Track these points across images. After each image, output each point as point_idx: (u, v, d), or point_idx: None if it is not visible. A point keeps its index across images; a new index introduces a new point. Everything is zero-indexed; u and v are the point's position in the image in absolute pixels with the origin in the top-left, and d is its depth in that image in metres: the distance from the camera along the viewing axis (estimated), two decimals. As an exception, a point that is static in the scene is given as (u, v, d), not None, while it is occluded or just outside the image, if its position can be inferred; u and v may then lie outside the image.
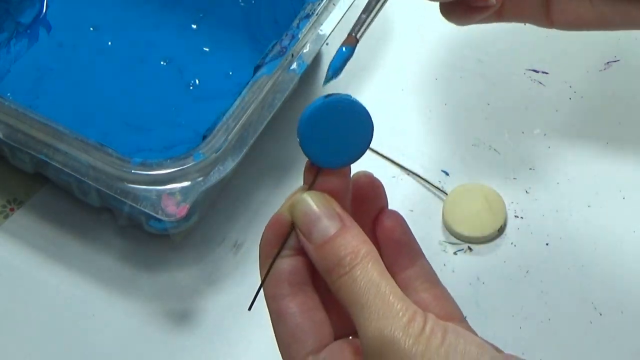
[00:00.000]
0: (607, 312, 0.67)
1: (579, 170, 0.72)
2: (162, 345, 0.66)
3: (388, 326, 0.44)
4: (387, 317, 0.44)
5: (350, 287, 0.45)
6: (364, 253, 0.46)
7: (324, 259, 0.46)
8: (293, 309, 0.47)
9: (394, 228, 0.50)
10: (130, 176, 0.61)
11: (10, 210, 0.70)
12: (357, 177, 0.50)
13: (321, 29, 0.67)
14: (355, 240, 0.46)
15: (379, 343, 0.44)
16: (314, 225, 0.47)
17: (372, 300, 0.45)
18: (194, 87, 0.74)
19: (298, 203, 0.47)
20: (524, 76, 0.77)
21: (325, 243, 0.46)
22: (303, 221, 0.47)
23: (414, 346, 0.43)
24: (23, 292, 0.67)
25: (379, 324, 0.44)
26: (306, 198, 0.47)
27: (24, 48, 0.75)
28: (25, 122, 0.63)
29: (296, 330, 0.47)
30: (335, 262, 0.46)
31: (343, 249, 0.46)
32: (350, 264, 0.45)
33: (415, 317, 0.44)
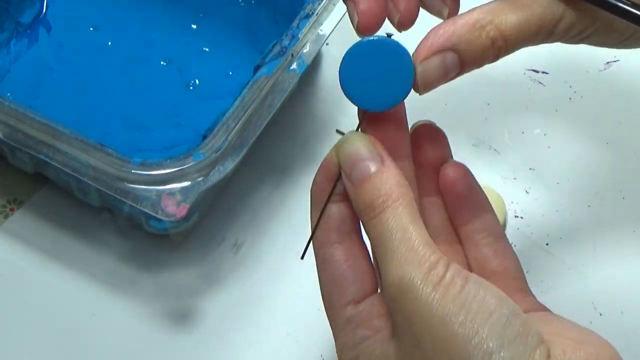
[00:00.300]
0: (607, 312, 0.67)
1: (579, 170, 0.72)
2: (162, 345, 0.66)
3: (408, 272, 0.43)
4: (409, 263, 0.44)
5: (379, 229, 0.45)
6: (396, 196, 0.45)
7: (360, 199, 0.46)
8: (338, 257, 0.47)
9: (455, 181, 0.50)
10: (130, 176, 0.61)
11: (10, 210, 0.70)
12: (417, 127, 0.50)
13: (321, 29, 0.67)
14: (390, 182, 0.46)
15: (398, 289, 0.44)
16: (355, 164, 0.47)
17: (397, 245, 0.44)
18: (194, 87, 0.74)
19: (342, 143, 0.48)
20: (524, 76, 0.77)
21: (362, 183, 0.46)
22: (345, 160, 0.47)
23: (431, 293, 0.43)
24: (23, 292, 0.67)
25: (400, 270, 0.44)
26: (350, 138, 0.47)
27: (24, 48, 0.75)
28: (25, 122, 0.63)
29: (339, 278, 0.47)
30: (368, 203, 0.46)
31: (377, 190, 0.46)
32: (381, 206, 0.45)
33: (437, 265, 0.44)
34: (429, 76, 0.48)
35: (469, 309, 0.43)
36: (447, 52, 0.48)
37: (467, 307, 0.43)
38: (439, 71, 0.48)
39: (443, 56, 0.47)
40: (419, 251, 0.44)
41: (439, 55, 0.47)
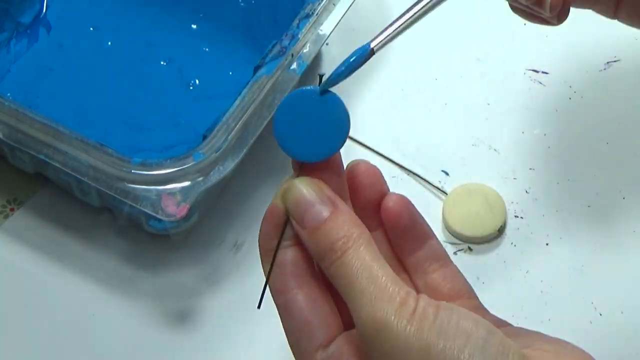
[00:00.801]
0: (607, 312, 0.67)
1: (579, 170, 0.72)
2: (162, 345, 0.66)
3: (381, 310, 0.44)
4: (380, 300, 0.44)
5: (343, 271, 0.45)
6: (355, 237, 0.45)
7: (317, 245, 0.46)
8: (300, 302, 0.47)
9: (399, 214, 0.50)
10: (130, 176, 0.61)
11: (10, 210, 0.70)
12: (352, 166, 0.50)
13: (321, 29, 0.67)
14: (347, 224, 0.46)
15: (373, 327, 0.44)
16: (306, 210, 0.46)
17: (365, 284, 0.44)
18: (194, 87, 0.74)
19: (289, 190, 0.47)
20: (524, 76, 0.77)
21: (317, 228, 0.46)
22: (295, 207, 0.47)
23: (406, 327, 0.43)
24: (23, 292, 0.67)
25: (372, 308, 0.44)
26: (297, 184, 0.47)
27: (24, 48, 0.75)
28: (25, 122, 0.63)
29: (304, 325, 0.47)
30: (327, 247, 0.46)
31: (335, 233, 0.45)
32: (342, 248, 0.45)
33: (408, 299, 0.44)
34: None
35: (446, 336, 0.43)
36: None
37: (444, 334, 0.43)
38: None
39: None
40: (388, 287, 0.44)
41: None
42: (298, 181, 0.47)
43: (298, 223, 0.47)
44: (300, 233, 0.47)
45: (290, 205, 0.47)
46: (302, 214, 0.47)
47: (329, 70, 0.77)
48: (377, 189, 0.50)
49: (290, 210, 0.47)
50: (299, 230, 0.47)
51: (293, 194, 0.47)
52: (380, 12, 0.79)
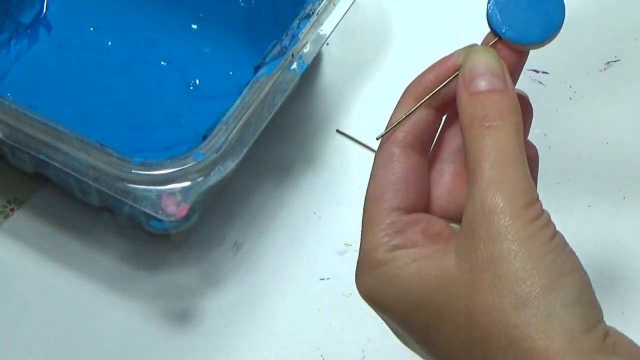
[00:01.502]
0: (607, 312, 0.67)
1: (579, 170, 0.72)
2: (162, 345, 0.66)
3: (509, 195, 0.42)
4: (509, 187, 0.42)
5: (484, 142, 0.43)
6: (514, 120, 0.44)
7: (473, 107, 0.44)
8: (404, 160, 0.46)
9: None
10: (131, 176, 0.61)
11: (10, 211, 0.70)
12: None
13: (321, 29, 0.67)
14: (512, 104, 0.45)
15: (488, 208, 0.42)
16: (480, 74, 0.45)
17: (502, 164, 0.43)
18: (194, 87, 0.74)
19: (476, 51, 0.46)
20: (524, 76, 0.76)
21: (481, 93, 0.44)
22: (474, 67, 0.45)
23: (522, 228, 0.41)
24: (23, 292, 0.67)
25: (498, 188, 0.42)
26: (486, 50, 0.46)
27: (24, 48, 0.75)
28: (25, 122, 0.63)
29: (398, 180, 0.45)
30: (483, 113, 0.44)
31: (496, 105, 0.44)
32: (497, 119, 0.44)
33: (535, 205, 0.42)
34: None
35: (555, 256, 0.42)
36: None
37: (550, 258, 0.41)
38: None
39: None
40: (521, 182, 0.42)
41: None
42: (486, 48, 0.46)
43: (465, 82, 0.45)
44: (461, 94, 0.45)
45: (470, 64, 0.46)
46: (474, 75, 0.45)
47: (329, 69, 0.77)
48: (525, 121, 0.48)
49: (468, 68, 0.45)
50: (460, 90, 0.45)
51: (479, 55, 0.46)
52: (380, 11, 0.79)
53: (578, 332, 0.41)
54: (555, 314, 0.41)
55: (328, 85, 0.76)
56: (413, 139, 0.46)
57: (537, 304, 0.40)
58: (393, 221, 0.45)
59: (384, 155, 0.46)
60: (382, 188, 0.45)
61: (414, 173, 0.46)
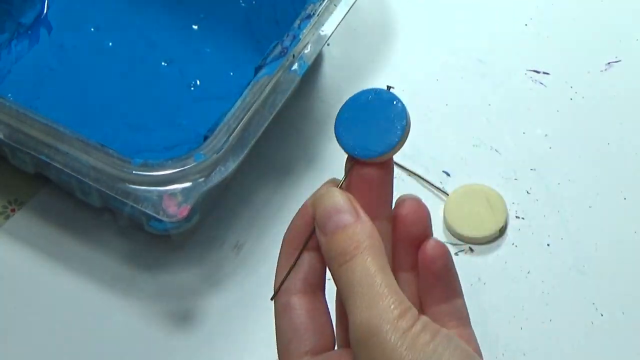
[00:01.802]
0: (608, 312, 0.67)
1: (580, 171, 0.72)
2: (162, 345, 0.66)
3: (377, 316, 0.44)
4: (377, 307, 0.44)
5: (349, 275, 0.45)
6: (367, 245, 0.46)
7: (331, 248, 0.46)
8: (301, 306, 0.48)
9: (435, 259, 0.50)
10: (131, 177, 0.61)
11: (11, 211, 0.70)
12: (403, 200, 0.50)
13: (322, 30, 0.67)
14: (363, 233, 0.46)
15: (366, 332, 0.44)
16: (330, 216, 0.47)
17: (366, 290, 0.45)
18: (195, 87, 0.74)
19: (321, 196, 0.48)
20: (525, 77, 0.77)
21: (335, 233, 0.47)
22: (322, 212, 0.47)
23: (399, 340, 0.43)
24: (23, 292, 0.67)
25: (368, 313, 0.44)
26: (329, 191, 0.48)
27: (25, 49, 0.75)
28: (26, 123, 0.63)
29: (300, 327, 0.47)
30: (340, 250, 0.46)
31: (349, 239, 0.46)
32: (352, 253, 0.46)
33: (406, 314, 0.44)
34: None
35: (440, 356, 0.43)
36: None
37: (437, 356, 0.43)
38: None
39: None
40: (388, 298, 0.44)
41: None
42: (332, 190, 0.48)
43: (320, 228, 0.47)
44: (319, 237, 0.48)
45: (319, 210, 0.48)
46: (327, 218, 0.47)
47: (330, 70, 0.77)
48: (421, 229, 0.50)
49: (318, 214, 0.48)
50: (319, 235, 0.48)
51: (324, 199, 0.48)
52: (380, 12, 0.79)
53: None
54: None
55: (329, 85, 0.76)
56: (303, 284, 0.48)
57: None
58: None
59: (281, 306, 0.48)
60: (287, 337, 0.48)
61: (313, 315, 0.48)
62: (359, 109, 0.48)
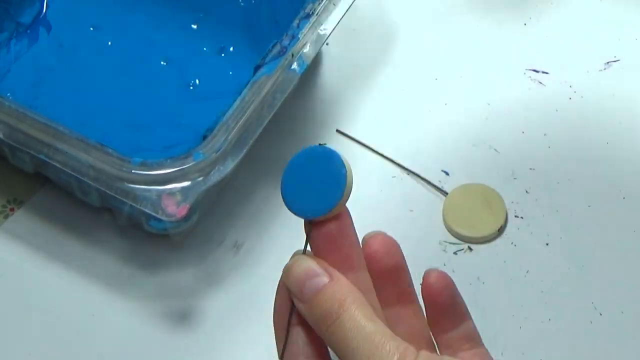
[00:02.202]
0: (607, 312, 0.67)
1: (579, 170, 0.72)
2: (162, 345, 0.66)
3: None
4: (378, 357, 0.44)
5: (339, 333, 0.46)
6: (349, 300, 0.46)
7: (314, 313, 0.47)
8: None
9: (440, 293, 0.50)
10: (131, 176, 0.61)
11: (10, 210, 0.70)
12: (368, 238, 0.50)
13: (322, 29, 0.67)
14: (343, 290, 0.47)
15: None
16: (305, 282, 0.48)
17: (362, 343, 0.45)
18: (194, 87, 0.74)
19: (289, 267, 0.48)
20: (524, 76, 0.77)
21: (314, 297, 0.47)
22: (295, 281, 0.48)
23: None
24: (23, 292, 0.67)
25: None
26: (295, 261, 0.48)
27: (24, 48, 0.75)
28: (25, 122, 0.63)
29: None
30: (324, 312, 0.46)
31: (329, 299, 0.46)
32: (337, 311, 0.46)
33: (406, 355, 0.44)
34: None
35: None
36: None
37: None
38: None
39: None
40: (384, 345, 0.45)
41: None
42: (297, 258, 0.48)
43: (298, 297, 0.48)
44: (299, 307, 0.48)
45: (292, 280, 0.48)
46: (301, 286, 0.48)
47: (329, 69, 0.77)
48: (394, 260, 0.51)
49: (291, 285, 0.48)
50: (298, 304, 0.48)
51: (294, 269, 0.48)
52: (380, 12, 0.79)
53: None
54: None
55: (328, 85, 0.76)
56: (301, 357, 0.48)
57: None
58: None
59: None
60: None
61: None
62: (300, 170, 0.49)
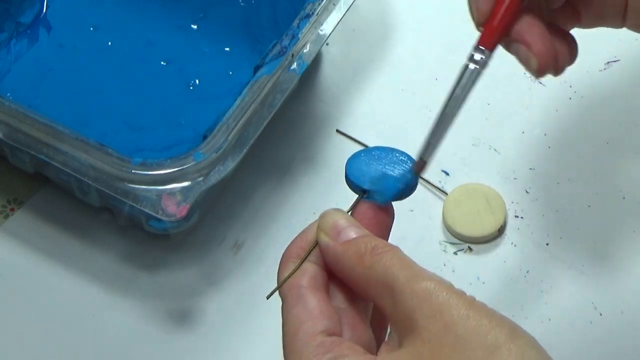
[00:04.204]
0: (607, 312, 0.67)
1: (579, 170, 0.72)
2: (162, 345, 0.66)
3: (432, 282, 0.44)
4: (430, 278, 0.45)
5: (389, 259, 0.46)
6: (392, 246, 0.47)
7: (354, 248, 0.47)
8: (311, 295, 0.48)
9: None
10: (131, 176, 0.61)
11: (10, 210, 0.70)
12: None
13: (321, 29, 0.67)
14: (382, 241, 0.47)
15: (422, 293, 0.44)
16: (342, 229, 0.48)
17: (414, 265, 0.45)
18: (194, 87, 0.74)
19: (327, 214, 0.49)
20: (524, 76, 0.77)
21: (353, 239, 0.47)
22: (331, 226, 0.48)
23: (461, 298, 0.44)
24: (23, 292, 0.67)
25: (422, 279, 0.44)
26: (336, 210, 0.49)
27: (25, 48, 0.75)
28: (25, 122, 0.63)
29: (314, 310, 0.47)
30: (369, 248, 0.46)
31: (370, 241, 0.47)
32: (382, 248, 0.46)
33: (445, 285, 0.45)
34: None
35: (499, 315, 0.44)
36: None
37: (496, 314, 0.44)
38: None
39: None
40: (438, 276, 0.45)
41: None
42: (335, 210, 0.49)
43: (333, 237, 0.48)
44: (329, 249, 0.48)
45: (327, 224, 0.48)
46: (337, 231, 0.48)
47: (329, 69, 0.77)
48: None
49: (327, 228, 0.48)
50: (328, 247, 0.48)
51: (330, 217, 0.49)
52: (380, 12, 0.79)
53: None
54: (527, 355, 0.43)
55: (328, 85, 0.76)
56: (310, 282, 0.48)
57: (509, 346, 0.43)
58: (321, 343, 0.46)
59: (289, 297, 0.48)
60: (299, 320, 0.47)
61: (325, 304, 0.48)
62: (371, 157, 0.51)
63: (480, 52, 0.54)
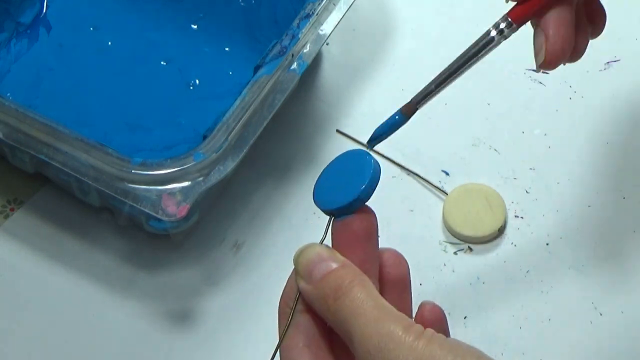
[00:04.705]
0: (607, 312, 0.67)
1: (579, 170, 0.72)
2: (162, 345, 0.66)
3: (386, 327, 0.44)
4: (386, 320, 0.44)
5: (348, 305, 0.45)
6: (357, 281, 0.46)
7: (320, 290, 0.47)
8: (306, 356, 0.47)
9: (430, 324, 0.49)
10: (131, 176, 0.61)
11: (10, 210, 0.70)
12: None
13: (321, 29, 0.67)
14: (350, 273, 0.47)
15: (377, 341, 0.44)
16: (315, 265, 0.47)
17: (370, 310, 0.45)
18: (194, 87, 0.74)
19: (301, 251, 0.48)
20: (524, 76, 0.77)
21: (324, 276, 0.47)
22: (304, 266, 0.48)
23: (414, 342, 0.43)
24: (22, 291, 0.67)
25: (377, 326, 0.44)
26: (306, 247, 0.48)
27: (24, 48, 0.75)
28: (25, 122, 0.63)
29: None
30: (333, 288, 0.46)
31: (340, 278, 0.46)
32: (348, 286, 0.46)
33: (414, 326, 0.44)
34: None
35: (457, 352, 0.43)
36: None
37: (455, 351, 0.43)
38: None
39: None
40: (394, 312, 0.45)
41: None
42: (311, 244, 0.48)
43: (306, 280, 0.47)
44: (305, 290, 0.47)
45: (300, 264, 0.48)
46: (310, 269, 0.47)
47: (329, 69, 0.77)
48: (400, 271, 0.50)
49: (299, 269, 0.48)
50: (305, 288, 0.47)
51: (305, 253, 0.48)
52: (380, 12, 0.79)
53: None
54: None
55: (328, 85, 0.76)
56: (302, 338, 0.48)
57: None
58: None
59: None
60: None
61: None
62: (333, 170, 0.50)
63: (508, 24, 0.54)
